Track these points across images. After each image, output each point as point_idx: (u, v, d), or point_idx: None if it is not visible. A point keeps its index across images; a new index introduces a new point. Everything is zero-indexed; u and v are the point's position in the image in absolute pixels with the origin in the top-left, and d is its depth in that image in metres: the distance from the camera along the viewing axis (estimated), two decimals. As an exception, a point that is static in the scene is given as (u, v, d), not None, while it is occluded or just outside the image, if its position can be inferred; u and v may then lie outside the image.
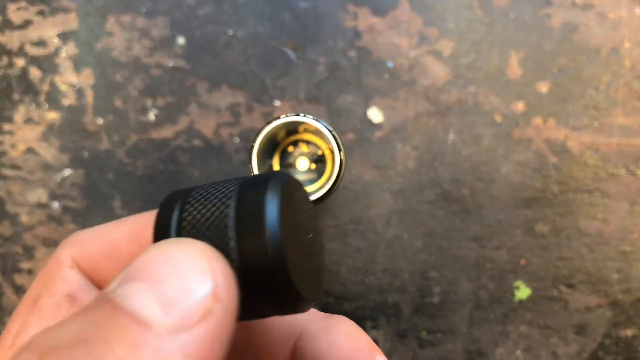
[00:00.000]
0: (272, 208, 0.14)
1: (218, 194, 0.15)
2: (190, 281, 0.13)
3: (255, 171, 0.27)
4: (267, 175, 0.15)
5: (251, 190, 0.15)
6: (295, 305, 0.15)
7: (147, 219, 0.19)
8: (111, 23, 0.34)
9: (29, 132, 0.34)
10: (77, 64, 0.34)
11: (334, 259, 0.33)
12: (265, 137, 0.27)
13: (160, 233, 0.15)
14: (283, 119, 0.27)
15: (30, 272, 0.33)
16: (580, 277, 0.33)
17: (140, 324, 0.12)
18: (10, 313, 0.33)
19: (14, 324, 0.18)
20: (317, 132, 0.28)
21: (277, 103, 0.34)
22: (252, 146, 0.27)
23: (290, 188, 0.15)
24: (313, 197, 0.27)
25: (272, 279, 0.14)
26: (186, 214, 0.15)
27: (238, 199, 0.14)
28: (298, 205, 0.16)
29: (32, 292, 0.18)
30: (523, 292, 0.33)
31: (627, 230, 0.33)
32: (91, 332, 0.12)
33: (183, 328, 0.12)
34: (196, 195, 0.15)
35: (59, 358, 0.12)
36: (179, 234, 0.15)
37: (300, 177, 0.29)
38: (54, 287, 0.18)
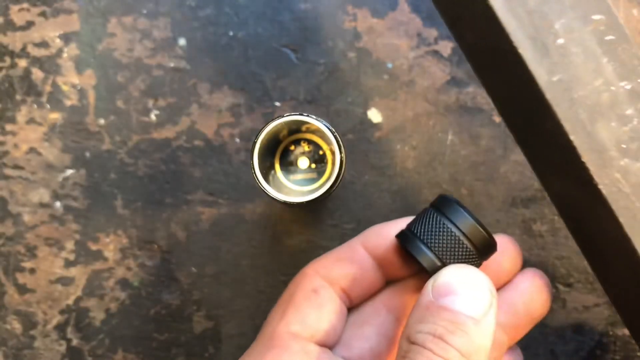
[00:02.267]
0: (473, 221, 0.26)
1: (438, 231, 0.26)
2: (485, 289, 0.24)
3: (256, 167, 0.27)
4: (446, 203, 0.27)
5: (456, 217, 0.26)
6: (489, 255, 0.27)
7: (370, 240, 0.28)
8: (113, 24, 0.34)
9: (31, 133, 0.34)
10: (79, 65, 0.34)
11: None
12: (267, 134, 0.27)
13: (429, 261, 0.26)
14: (286, 117, 0.27)
15: (32, 271, 0.34)
16: (577, 276, 0.34)
17: (469, 318, 0.23)
18: (12, 312, 0.33)
19: (277, 312, 0.27)
20: (318, 132, 0.28)
21: (278, 104, 0.34)
22: (255, 142, 0.27)
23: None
24: (312, 197, 0.27)
25: (489, 249, 0.27)
26: (434, 247, 0.26)
27: (456, 227, 0.26)
28: None
29: (287, 292, 0.28)
30: (521, 291, 0.34)
31: (625, 230, 0.34)
32: (443, 329, 0.23)
33: (485, 315, 0.23)
34: (426, 236, 0.26)
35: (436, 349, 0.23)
36: (442, 261, 0.26)
37: (300, 176, 0.30)
38: (304, 286, 0.27)
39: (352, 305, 0.29)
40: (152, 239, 0.34)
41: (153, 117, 0.34)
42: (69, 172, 0.34)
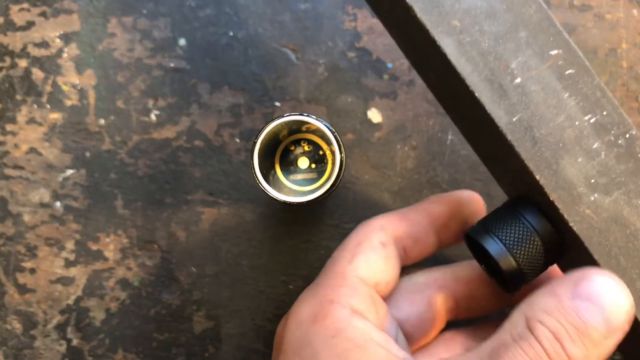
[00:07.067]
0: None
1: (521, 234, 0.25)
2: (624, 312, 0.22)
3: (256, 167, 0.27)
4: (524, 209, 0.25)
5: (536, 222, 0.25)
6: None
7: (432, 209, 0.30)
8: (113, 24, 0.34)
9: (31, 133, 0.34)
10: (79, 65, 0.34)
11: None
12: (267, 134, 0.27)
13: (510, 268, 0.25)
14: (286, 118, 0.27)
15: (32, 271, 0.34)
16: (578, 276, 0.34)
17: (597, 332, 0.22)
18: (13, 312, 0.34)
19: (346, 254, 0.28)
20: (318, 132, 0.29)
21: (278, 104, 0.34)
22: (255, 143, 0.27)
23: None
24: (312, 197, 0.27)
25: (562, 252, 0.26)
26: (517, 253, 0.25)
27: (537, 233, 0.25)
28: None
29: (354, 238, 0.29)
30: (521, 291, 0.34)
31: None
32: (566, 334, 0.22)
33: (611, 335, 0.22)
34: (507, 238, 0.25)
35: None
36: (522, 266, 0.25)
37: (300, 176, 0.30)
38: (372, 237, 0.28)
39: (406, 264, 0.30)
40: (152, 239, 0.34)
41: (153, 117, 0.34)
42: (69, 172, 0.34)
